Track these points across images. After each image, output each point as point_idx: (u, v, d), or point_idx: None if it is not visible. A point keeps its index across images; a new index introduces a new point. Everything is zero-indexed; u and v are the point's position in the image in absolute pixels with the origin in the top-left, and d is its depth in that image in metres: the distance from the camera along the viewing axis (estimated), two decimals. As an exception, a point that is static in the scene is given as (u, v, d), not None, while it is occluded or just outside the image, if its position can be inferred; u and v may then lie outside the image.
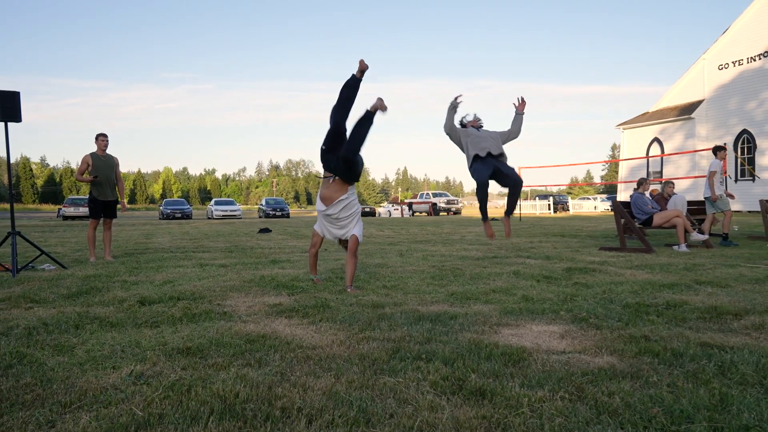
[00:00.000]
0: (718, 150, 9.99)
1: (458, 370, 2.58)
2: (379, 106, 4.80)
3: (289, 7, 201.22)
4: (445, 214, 41.31)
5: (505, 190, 6.21)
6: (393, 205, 44.48)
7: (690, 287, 5.00)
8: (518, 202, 7.44)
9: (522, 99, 6.10)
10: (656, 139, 33.11)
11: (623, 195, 35.51)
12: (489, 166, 5.64)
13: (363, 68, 4.89)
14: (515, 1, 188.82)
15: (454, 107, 5.78)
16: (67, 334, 3.42)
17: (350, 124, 4.88)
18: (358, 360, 2.81)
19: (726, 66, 29.57)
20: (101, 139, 8.15)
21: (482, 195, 5.83)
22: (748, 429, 1.92)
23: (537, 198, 46.31)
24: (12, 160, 8.20)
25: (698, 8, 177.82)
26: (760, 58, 27.94)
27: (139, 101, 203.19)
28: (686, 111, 31.14)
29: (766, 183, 27.35)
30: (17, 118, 6.64)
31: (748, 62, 28.52)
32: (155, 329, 3.58)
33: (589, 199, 50.60)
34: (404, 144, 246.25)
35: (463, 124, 6.00)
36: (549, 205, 43.09)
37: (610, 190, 67.90)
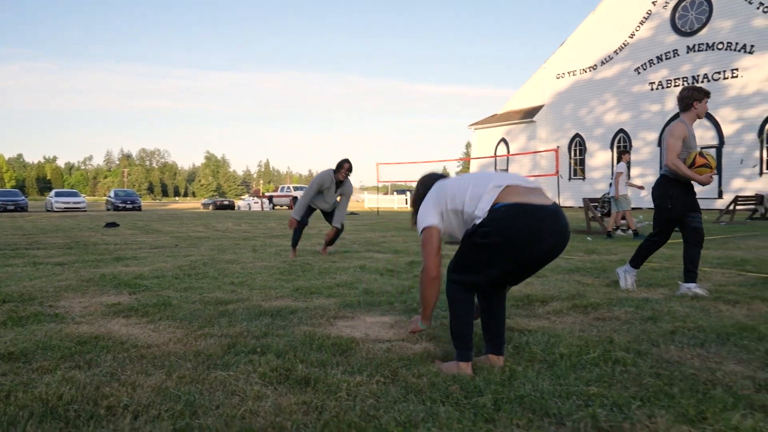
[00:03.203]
0: (623, 154, 11.26)
1: (288, 362, 2.75)
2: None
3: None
4: (307, 207, 41.32)
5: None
6: (254, 198, 43.72)
7: (512, 278, 5.59)
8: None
9: None
10: (503, 140, 35.72)
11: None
12: None
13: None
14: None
15: None
16: None
17: None
18: (192, 356, 2.89)
19: (563, 75, 32.61)
20: None
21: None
22: (522, 398, 2.30)
23: (395, 193, 47.89)
24: None
25: (544, 17, 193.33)
26: (590, 71, 31.17)
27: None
28: (529, 115, 33.92)
29: (593, 182, 30.62)
30: None
31: (580, 73, 31.69)
32: (-26, 334, 3.36)
33: (444, 194, 53.26)
34: (267, 135, 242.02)
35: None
36: (406, 200, 44.73)
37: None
